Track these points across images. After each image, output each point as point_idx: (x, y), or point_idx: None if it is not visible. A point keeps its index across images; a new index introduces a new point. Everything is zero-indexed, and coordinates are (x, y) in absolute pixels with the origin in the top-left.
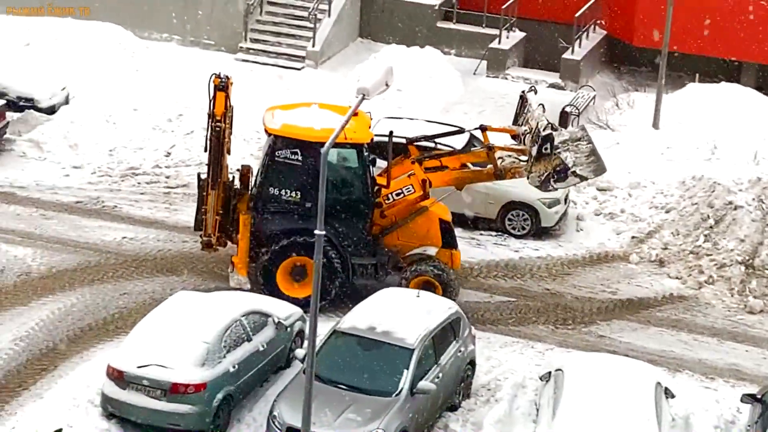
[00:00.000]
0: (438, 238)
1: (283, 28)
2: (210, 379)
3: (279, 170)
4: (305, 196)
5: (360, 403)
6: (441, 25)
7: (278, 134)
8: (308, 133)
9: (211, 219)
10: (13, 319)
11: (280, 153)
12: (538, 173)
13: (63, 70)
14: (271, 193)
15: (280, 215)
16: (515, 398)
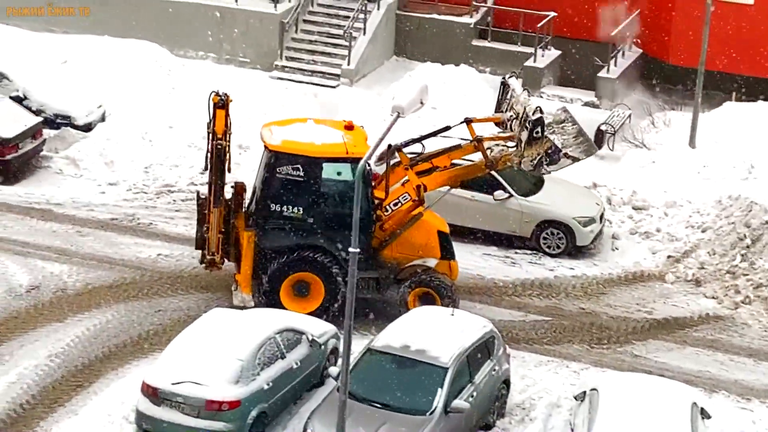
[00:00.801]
0: (437, 249)
1: (319, 46)
2: (244, 396)
3: (280, 186)
4: (307, 211)
5: (394, 421)
6: (476, 43)
7: (279, 150)
8: (310, 149)
9: (214, 237)
10: (48, 335)
11: (281, 169)
12: (531, 157)
13: (99, 88)
14: (272, 209)
15: (282, 231)
16: (550, 418)
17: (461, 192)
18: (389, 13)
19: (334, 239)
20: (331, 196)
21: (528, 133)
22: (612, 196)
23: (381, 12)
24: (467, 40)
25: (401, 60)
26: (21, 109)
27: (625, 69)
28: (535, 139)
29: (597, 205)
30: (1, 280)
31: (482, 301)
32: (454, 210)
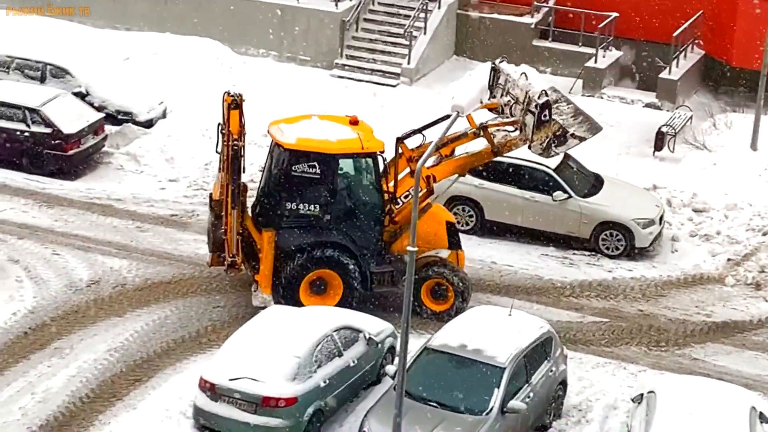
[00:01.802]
0: (445, 240)
1: (379, 45)
2: (301, 393)
3: (295, 184)
4: (323, 208)
5: (450, 420)
6: (537, 43)
7: (295, 148)
8: (326, 146)
9: (233, 239)
10: (108, 329)
11: (297, 167)
12: (540, 141)
13: (161, 85)
14: (288, 208)
15: (299, 230)
16: (606, 420)
17: (520, 192)
18: (450, 13)
19: (351, 235)
20: (346, 192)
21: (536, 117)
22: (672, 198)
23: (442, 11)
24: (528, 40)
25: (461, 59)
26: (83, 105)
27: (687, 70)
28: (543, 123)
29: (657, 206)
30: (62, 275)
31: (540, 301)
32: (512, 210)
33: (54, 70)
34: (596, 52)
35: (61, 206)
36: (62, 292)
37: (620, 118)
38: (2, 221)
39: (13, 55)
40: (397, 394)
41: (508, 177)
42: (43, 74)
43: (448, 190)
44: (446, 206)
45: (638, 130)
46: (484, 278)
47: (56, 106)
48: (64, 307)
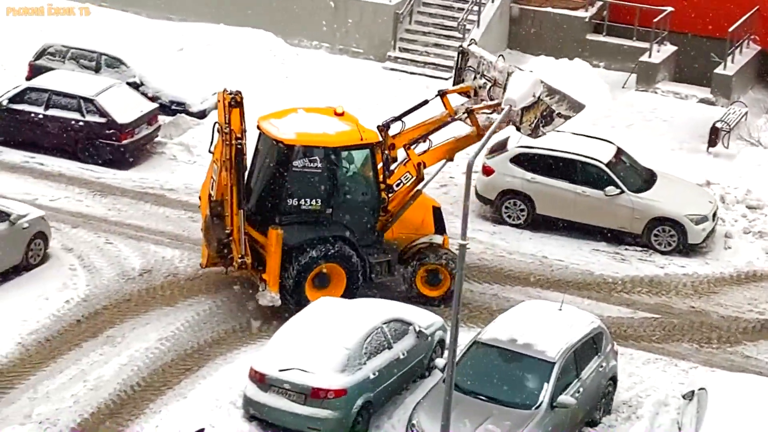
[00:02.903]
0: (431, 226)
1: (432, 38)
2: (350, 385)
3: (297, 180)
4: (325, 202)
5: (499, 414)
6: (590, 37)
7: (296, 144)
8: (327, 140)
9: (242, 239)
10: (159, 318)
11: (297, 163)
12: (529, 122)
13: (214, 76)
14: (289, 205)
15: (302, 226)
16: (657, 416)
17: (572, 187)
18: (504, 6)
19: (351, 227)
20: (346, 185)
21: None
22: (726, 194)
23: (495, 5)
24: (582, 34)
25: (514, 53)
26: (137, 95)
27: (742, 66)
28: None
29: (710, 203)
30: (115, 264)
31: (591, 296)
32: (564, 205)
33: (109, 60)
34: (650, 47)
35: (114, 195)
36: (115, 280)
37: (674, 113)
38: (57, 210)
39: (68, 45)
40: (447, 388)
41: (560, 171)
42: (98, 64)
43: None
44: (498, 200)
45: (692, 125)
46: (534, 272)
47: (111, 96)
48: (116, 296)
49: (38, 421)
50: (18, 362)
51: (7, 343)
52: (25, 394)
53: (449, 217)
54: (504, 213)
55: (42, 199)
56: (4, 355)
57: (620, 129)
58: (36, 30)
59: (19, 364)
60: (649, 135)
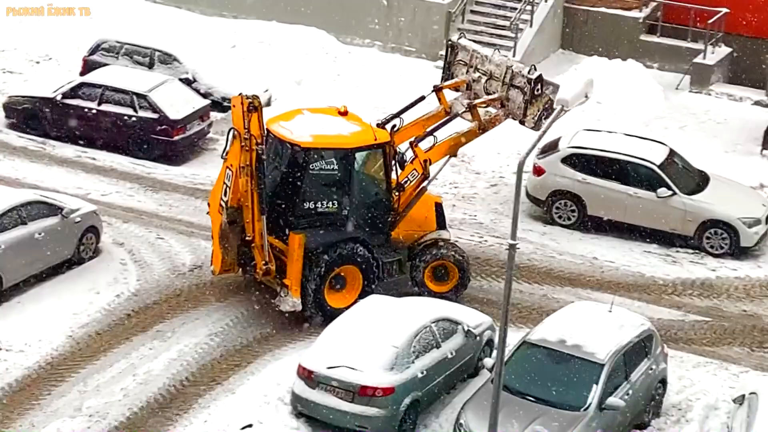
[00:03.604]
0: (434, 222)
1: (484, 37)
2: (398, 383)
3: (314, 183)
4: (341, 204)
5: (547, 415)
6: (644, 38)
7: (313, 146)
8: (344, 141)
9: (266, 245)
10: (209, 314)
11: (315, 165)
12: (533, 115)
13: (266, 73)
14: (306, 208)
15: (320, 229)
16: (706, 420)
17: (624, 188)
18: (557, 6)
19: (366, 227)
20: (361, 185)
21: (530, 92)
22: None
23: (549, 4)
24: (635, 34)
25: (567, 53)
26: (190, 91)
27: None
28: (535, 97)
29: (763, 206)
30: (165, 259)
31: (641, 298)
32: (615, 206)
33: (162, 56)
34: (705, 48)
35: (165, 191)
36: (165, 275)
37: (728, 115)
38: (109, 204)
39: (122, 41)
40: (495, 388)
41: (612, 172)
42: (151, 60)
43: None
44: (548, 200)
45: (746, 128)
46: (584, 273)
47: (163, 92)
48: (166, 291)
49: (88, 415)
50: (69, 355)
51: (58, 337)
52: (75, 387)
53: (500, 218)
54: (554, 213)
55: (94, 193)
56: (55, 348)
57: (673, 130)
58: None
59: (70, 357)
60: (702, 137)
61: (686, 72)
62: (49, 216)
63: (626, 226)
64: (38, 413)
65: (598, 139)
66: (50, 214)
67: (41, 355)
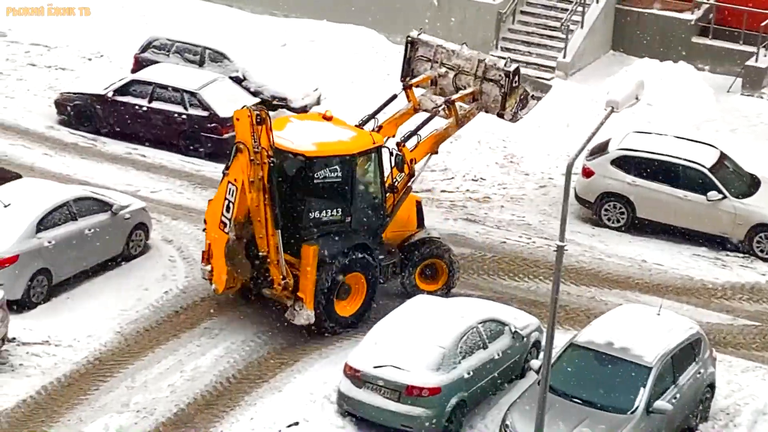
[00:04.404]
0: (415, 221)
1: (535, 38)
2: (445, 383)
3: (317, 192)
4: (344, 211)
5: (594, 418)
6: (696, 40)
7: (318, 155)
8: (346, 147)
9: (282, 260)
10: (257, 312)
11: (319, 174)
12: (511, 107)
13: (316, 71)
14: (312, 218)
15: (327, 238)
16: (755, 425)
17: (673, 191)
18: (608, 7)
19: (367, 233)
20: (361, 190)
21: (508, 84)
22: None
23: (600, 5)
24: (687, 36)
25: (618, 54)
26: (240, 89)
27: None
28: (513, 89)
29: None
30: None
31: (690, 302)
32: (664, 208)
33: (213, 54)
34: (757, 51)
35: (214, 188)
36: None
37: None
38: (158, 201)
39: (173, 39)
40: (541, 389)
41: (661, 175)
42: (201, 58)
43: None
44: (597, 202)
45: None
46: (633, 276)
47: (213, 90)
48: None
49: (135, 410)
50: (117, 352)
51: (107, 333)
52: (123, 383)
53: (548, 219)
54: (603, 215)
55: (143, 190)
56: (104, 344)
57: (724, 133)
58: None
59: (118, 353)
60: (753, 140)
61: (738, 75)
62: (99, 212)
63: (676, 229)
64: (86, 408)
65: (649, 141)
66: (100, 211)
67: (90, 350)
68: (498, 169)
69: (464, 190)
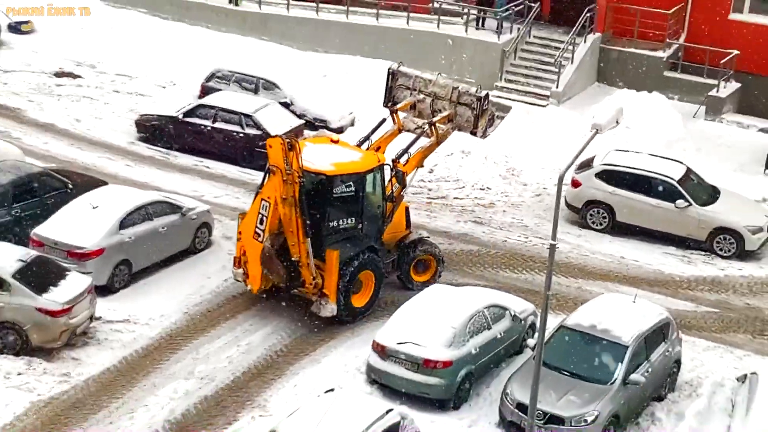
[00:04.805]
0: (404, 223)
1: (532, 71)
2: (456, 358)
3: (336, 205)
4: (357, 219)
5: (580, 387)
6: (667, 74)
7: (337, 174)
8: (359, 166)
9: (311, 263)
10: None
11: (337, 189)
12: (482, 127)
13: (351, 98)
14: (332, 227)
15: (344, 243)
16: (714, 395)
17: (647, 199)
18: (594, 46)
19: (374, 236)
20: (368, 201)
21: (480, 107)
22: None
23: (587, 45)
24: (660, 71)
25: (602, 86)
26: (287, 112)
27: None
28: (483, 111)
29: (765, 216)
30: None
31: (660, 292)
32: (640, 214)
33: (265, 83)
34: (718, 83)
35: None
36: None
37: (736, 140)
38: (219, 205)
39: (233, 70)
40: (536, 364)
41: (637, 186)
42: (256, 87)
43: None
44: (584, 208)
45: (752, 150)
46: (613, 270)
47: (266, 113)
48: None
49: (199, 378)
50: (184, 328)
51: (176, 313)
52: (189, 354)
53: (542, 222)
54: (588, 220)
55: (207, 195)
56: (174, 322)
57: (690, 152)
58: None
59: (185, 330)
60: (714, 158)
61: (702, 103)
62: (170, 213)
63: (649, 231)
64: (158, 375)
65: (627, 157)
66: (172, 212)
67: (162, 327)
68: (501, 180)
69: (473, 197)
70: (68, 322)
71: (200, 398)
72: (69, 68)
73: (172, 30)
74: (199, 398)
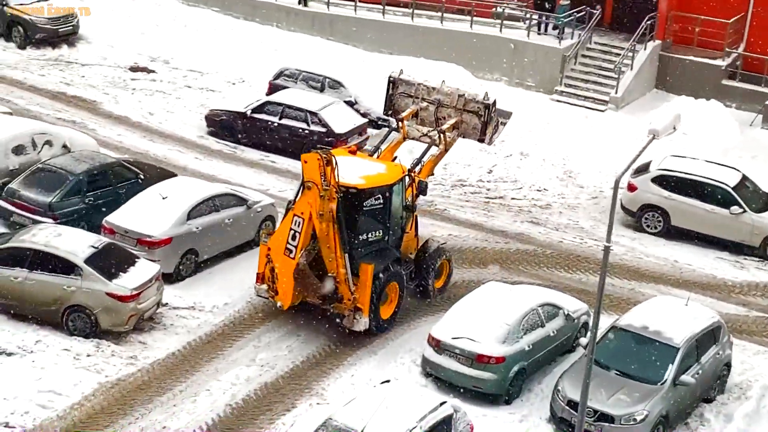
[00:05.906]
0: (413, 230)
1: (592, 77)
2: (509, 354)
3: (366, 218)
4: (384, 231)
5: (630, 387)
6: (725, 82)
7: (367, 187)
8: (386, 179)
9: (349, 278)
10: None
11: (367, 203)
12: (490, 134)
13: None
14: (362, 240)
15: (374, 255)
16: (763, 398)
17: (702, 204)
18: (654, 54)
19: (396, 247)
20: (394, 212)
21: (487, 114)
22: None
23: (647, 52)
24: (718, 79)
25: (660, 92)
26: (352, 111)
27: None
28: (490, 118)
29: None
30: None
31: (713, 296)
32: (694, 219)
33: (331, 82)
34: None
35: None
36: None
37: None
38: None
39: (300, 69)
40: (588, 362)
41: (693, 191)
42: (322, 85)
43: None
44: (639, 212)
45: None
46: (666, 273)
47: (331, 111)
48: None
49: (260, 365)
50: (247, 317)
51: (240, 302)
52: (251, 342)
53: (598, 224)
54: (644, 223)
55: (272, 189)
56: (237, 310)
57: (746, 159)
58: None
59: (248, 318)
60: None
61: (759, 112)
62: (236, 206)
63: (703, 236)
64: (221, 361)
65: (683, 163)
66: (237, 205)
67: (226, 315)
68: (558, 182)
69: (530, 198)
70: (136, 307)
71: (260, 384)
72: (143, 63)
73: (243, 29)
74: (259, 384)
